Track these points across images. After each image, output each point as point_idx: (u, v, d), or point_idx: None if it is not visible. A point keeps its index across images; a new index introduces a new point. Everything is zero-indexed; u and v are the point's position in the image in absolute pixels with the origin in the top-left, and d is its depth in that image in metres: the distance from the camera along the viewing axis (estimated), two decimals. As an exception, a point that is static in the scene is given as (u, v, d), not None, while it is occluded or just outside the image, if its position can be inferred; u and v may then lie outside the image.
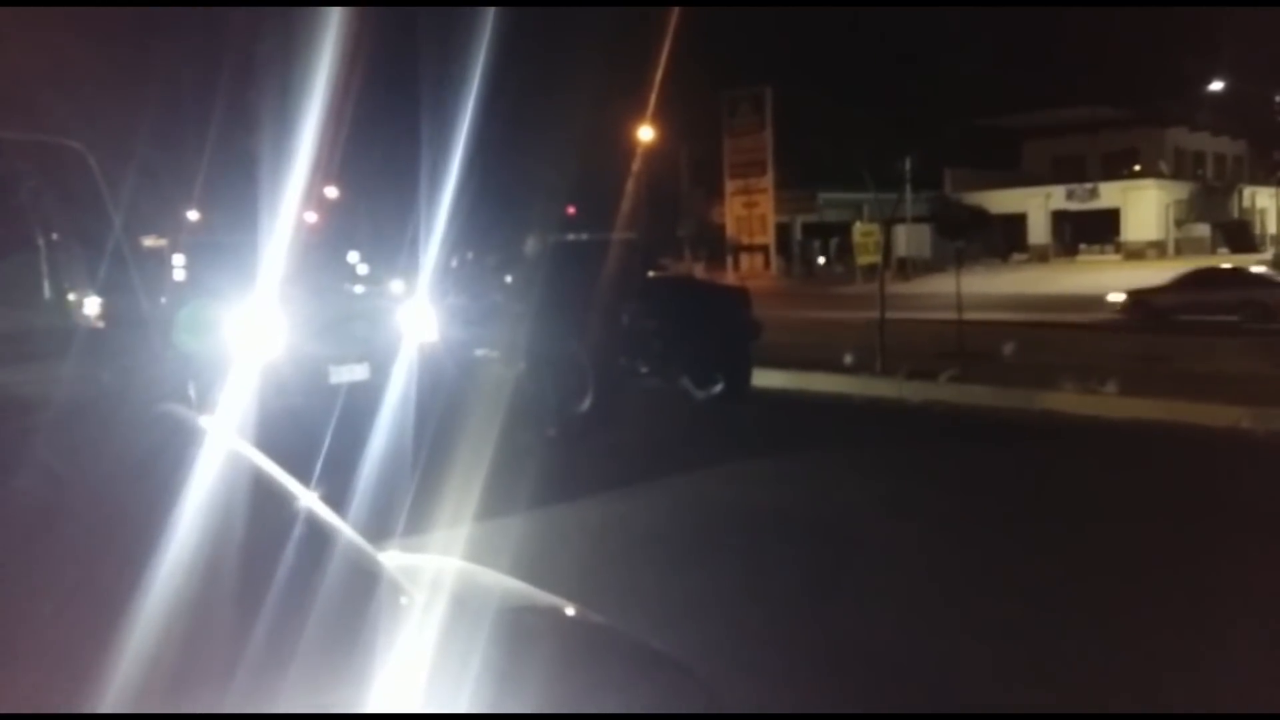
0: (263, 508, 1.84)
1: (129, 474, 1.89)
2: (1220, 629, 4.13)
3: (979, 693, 3.67)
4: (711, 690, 1.95)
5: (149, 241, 11.25)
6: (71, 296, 3.19)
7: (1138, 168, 47.63)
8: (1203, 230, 46.55)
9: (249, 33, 22.87)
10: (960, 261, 14.59)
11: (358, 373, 8.18)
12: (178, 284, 9.50)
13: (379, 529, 4.49)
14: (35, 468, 1.81)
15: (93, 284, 2.97)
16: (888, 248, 14.35)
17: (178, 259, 9.85)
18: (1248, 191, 48.11)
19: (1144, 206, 45.20)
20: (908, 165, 35.14)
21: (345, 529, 1.87)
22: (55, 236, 2.96)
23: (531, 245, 11.35)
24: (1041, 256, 45.78)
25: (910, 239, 39.01)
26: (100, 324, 2.66)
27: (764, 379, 10.74)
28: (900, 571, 5.03)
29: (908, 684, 3.74)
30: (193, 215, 29.68)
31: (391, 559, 2.01)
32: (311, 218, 28.70)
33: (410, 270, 12.23)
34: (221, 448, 1.96)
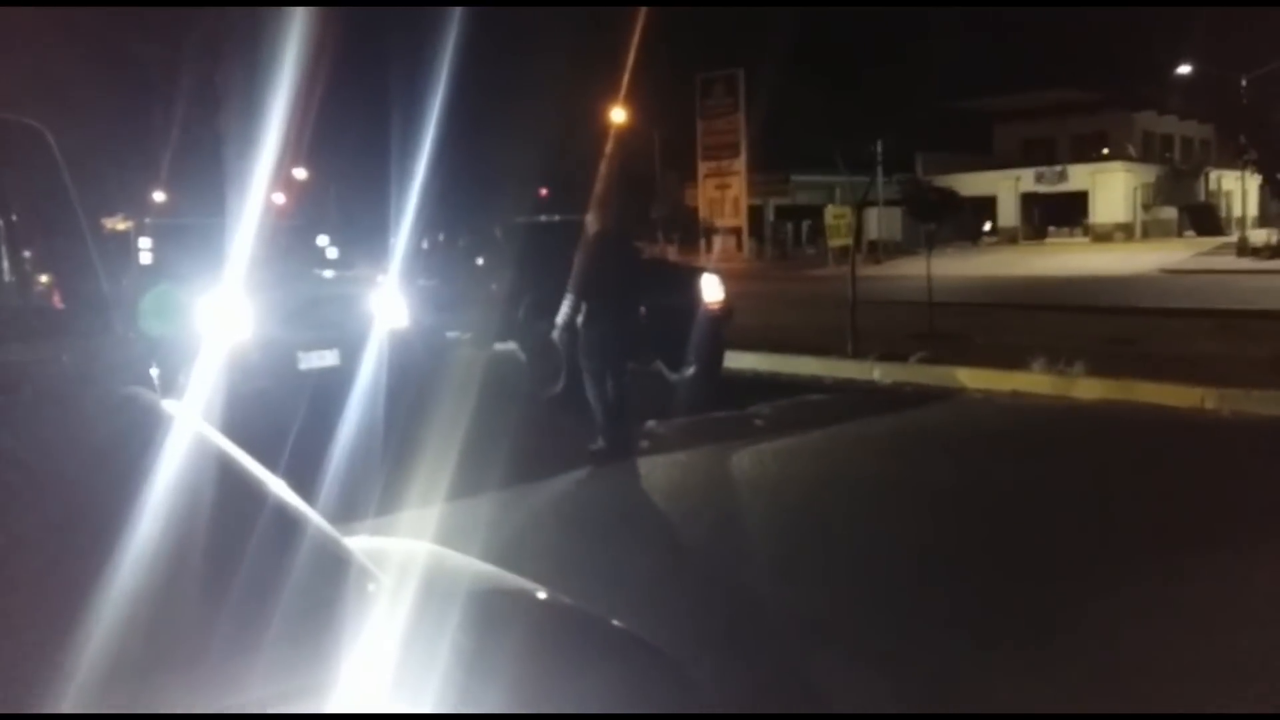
0: (230, 494, 1.83)
1: (95, 457, 1.87)
2: (1203, 611, 4.21)
3: (948, 669, 3.71)
4: (683, 672, 1.96)
5: (116, 224, 11.07)
6: (44, 278, 3.14)
7: (1106, 151, 48.03)
8: (1170, 213, 47.08)
9: (216, 10, 22.51)
10: (931, 244, 14.60)
11: (327, 359, 8.10)
12: (142, 266, 9.36)
13: (348, 513, 4.47)
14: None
15: (52, 265, 2.91)
16: (859, 230, 14.37)
17: (143, 241, 9.70)
18: (1215, 175, 48.67)
19: (1112, 189, 45.62)
20: (879, 148, 35.27)
21: (313, 515, 1.86)
22: (14, 217, 2.90)
23: (503, 227, 11.28)
24: (1010, 239, 46.12)
25: (882, 222, 39.14)
26: (61, 306, 2.61)
27: (736, 361, 10.76)
28: (866, 550, 5.08)
29: (877, 660, 3.78)
30: (158, 196, 29.27)
31: (360, 543, 2.00)
32: (280, 199, 28.42)
33: (380, 253, 12.15)
34: (188, 432, 1.93)
